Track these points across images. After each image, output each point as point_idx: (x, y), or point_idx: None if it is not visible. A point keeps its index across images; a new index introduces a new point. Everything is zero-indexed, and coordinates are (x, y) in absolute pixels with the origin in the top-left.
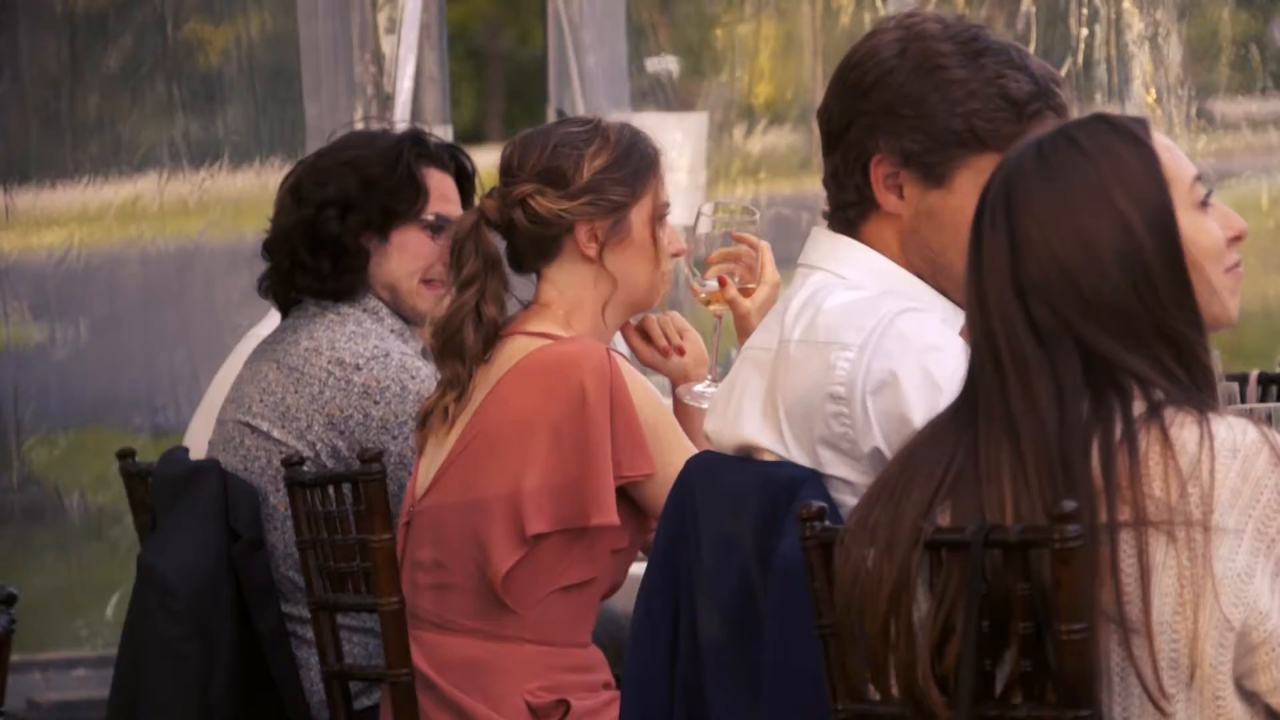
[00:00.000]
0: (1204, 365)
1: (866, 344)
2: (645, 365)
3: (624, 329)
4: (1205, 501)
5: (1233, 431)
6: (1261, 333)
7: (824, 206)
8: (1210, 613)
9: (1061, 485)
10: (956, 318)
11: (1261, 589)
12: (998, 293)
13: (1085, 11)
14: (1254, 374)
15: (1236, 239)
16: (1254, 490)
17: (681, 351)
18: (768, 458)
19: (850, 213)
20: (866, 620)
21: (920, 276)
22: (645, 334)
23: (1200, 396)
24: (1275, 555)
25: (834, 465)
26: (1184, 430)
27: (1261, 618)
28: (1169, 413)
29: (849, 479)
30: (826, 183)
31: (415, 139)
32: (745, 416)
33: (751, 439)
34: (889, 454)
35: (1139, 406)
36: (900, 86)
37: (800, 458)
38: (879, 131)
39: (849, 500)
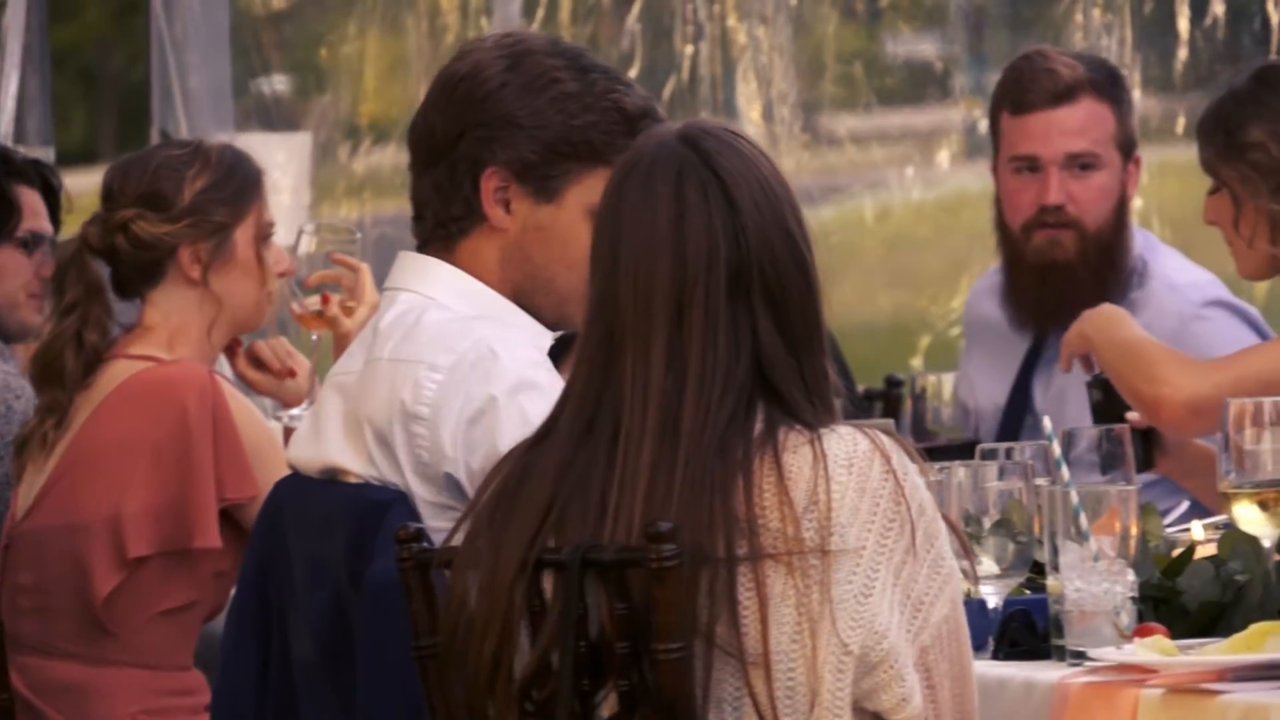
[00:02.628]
0: (829, 377)
1: (458, 367)
2: (258, 393)
3: (233, 357)
4: (824, 526)
5: (844, 444)
6: (869, 348)
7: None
8: (828, 639)
9: (702, 504)
10: (546, 339)
11: (880, 605)
12: (703, 282)
13: (690, 28)
14: (860, 389)
15: None
16: (871, 502)
17: (294, 373)
18: (353, 480)
19: (453, 228)
20: (472, 647)
21: (517, 293)
22: (258, 360)
23: (819, 411)
24: (894, 564)
25: (417, 486)
26: (797, 454)
27: (879, 636)
28: (782, 434)
29: (431, 500)
30: (427, 198)
31: (2, 157)
32: (329, 440)
33: (336, 462)
34: (467, 481)
35: (757, 426)
36: (516, 99)
37: (389, 476)
38: (495, 143)
39: (432, 523)
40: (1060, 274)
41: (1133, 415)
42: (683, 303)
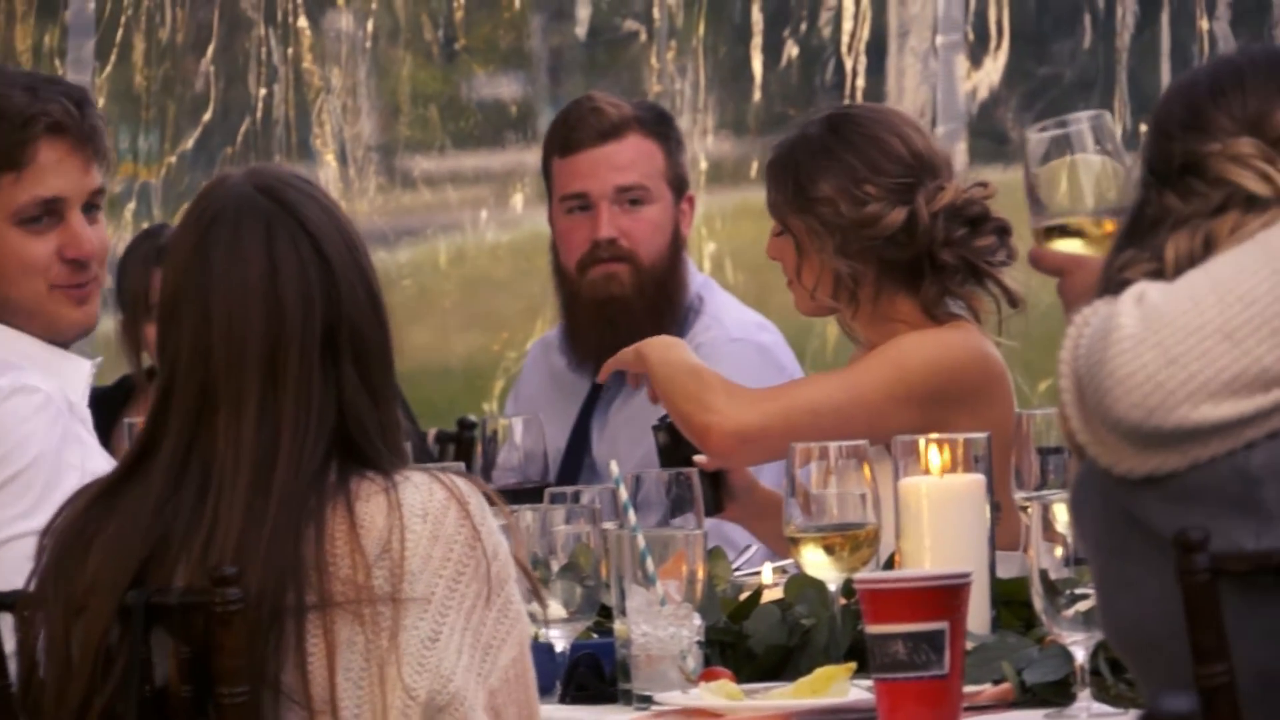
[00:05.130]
0: (400, 424)
1: None
2: None
3: None
4: (395, 574)
5: (420, 494)
6: (443, 391)
7: None
8: (394, 685)
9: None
10: (50, 356)
11: (447, 650)
12: (298, 339)
13: (264, 70)
14: (432, 431)
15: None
16: (445, 550)
17: None
18: None
19: None
20: (48, 697)
21: None
22: None
23: (393, 457)
24: (465, 609)
25: None
26: (371, 503)
27: (445, 680)
28: (355, 483)
29: None
30: None
31: None
32: None
33: None
34: None
35: (331, 475)
36: None
37: None
38: None
39: None
40: (617, 308)
41: (701, 458)
42: (277, 360)
